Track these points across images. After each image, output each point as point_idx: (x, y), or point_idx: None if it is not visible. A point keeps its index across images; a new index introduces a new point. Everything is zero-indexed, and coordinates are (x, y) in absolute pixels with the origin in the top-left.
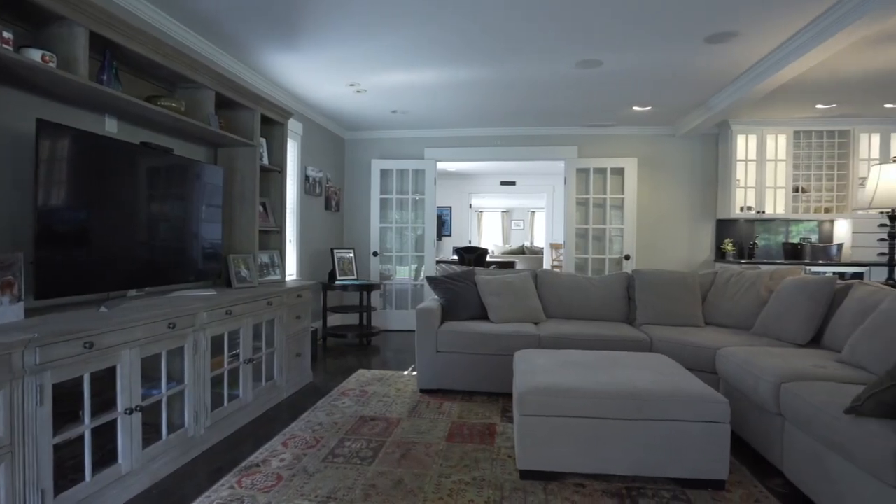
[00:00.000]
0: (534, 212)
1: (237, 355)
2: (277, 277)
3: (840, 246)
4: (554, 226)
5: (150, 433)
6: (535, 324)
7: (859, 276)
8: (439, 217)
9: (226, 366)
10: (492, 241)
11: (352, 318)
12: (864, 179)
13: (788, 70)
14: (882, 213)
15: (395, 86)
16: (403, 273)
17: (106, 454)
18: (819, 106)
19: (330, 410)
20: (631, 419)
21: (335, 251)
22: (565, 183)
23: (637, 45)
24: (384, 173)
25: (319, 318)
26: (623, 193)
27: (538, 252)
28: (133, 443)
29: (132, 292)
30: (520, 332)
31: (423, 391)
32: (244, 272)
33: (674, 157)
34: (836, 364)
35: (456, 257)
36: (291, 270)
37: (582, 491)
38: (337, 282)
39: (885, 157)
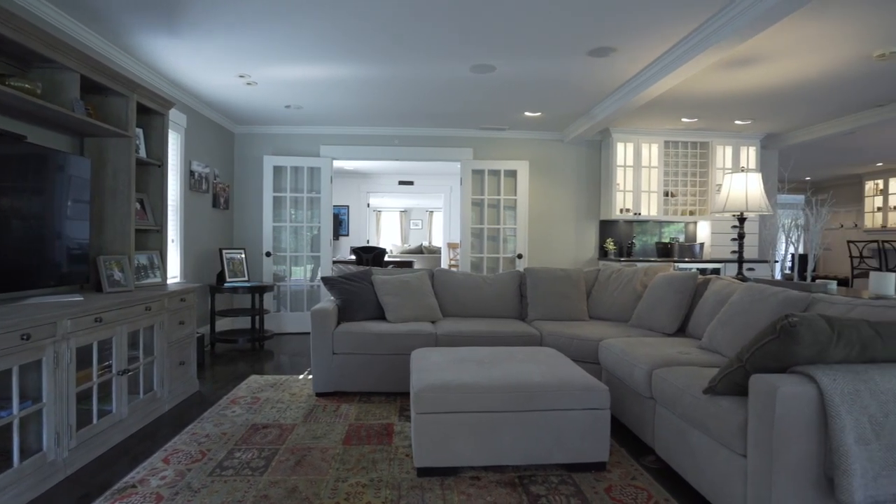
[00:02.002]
0: (432, 212)
1: (109, 367)
2: (158, 280)
3: (702, 245)
4: (451, 225)
5: None
6: (432, 322)
7: (717, 271)
8: (336, 216)
9: (95, 379)
10: (390, 240)
11: (243, 322)
12: (719, 186)
13: (658, 86)
14: (733, 216)
15: (289, 80)
16: (298, 274)
17: None
18: (684, 119)
19: (218, 420)
20: (521, 411)
21: (224, 251)
22: (461, 184)
23: (528, 53)
24: (277, 170)
25: (207, 323)
26: (516, 195)
27: (436, 251)
28: None
29: None
30: (417, 331)
31: (319, 395)
32: (118, 275)
33: (562, 161)
34: (698, 350)
35: (353, 257)
36: (174, 272)
37: (477, 483)
38: (226, 284)
39: (735, 168)
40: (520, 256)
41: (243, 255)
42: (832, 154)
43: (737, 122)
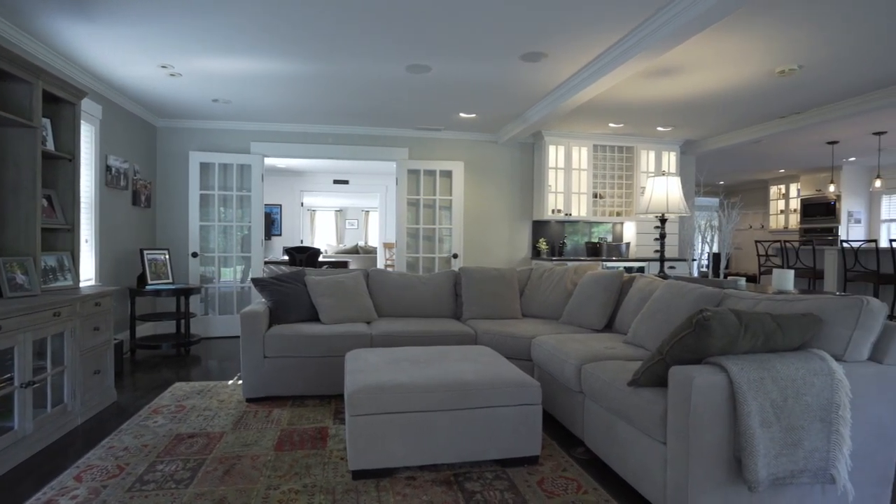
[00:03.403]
0: (368, 211)
1: (11, 379)
2: (69, 283)
3: (628, 244)
4: (387, 225)
5: None
6: (368, 323)
7: (641, 269)
8: (268, 215)
9: None
10: (325, 240)
11: (167, 327)
12: (643, 189)
13: (587, 91)
14: (655, 216)
15: (217, 73)
16: (228, 275)
17: None
18: (612, 124)
19: (138, 432)
20: (456, 409)
21: (146, 252)
22: (397, 183)
23: (462, 55)
24: (204, 167)
25: (127, 329)
26: (451, 195)
27: (372, 251)
28: None
29: None
30: (351, 331)
31: (249, 400)
32: (20, 278)
33: (496, 162)
34: (624, 345)
35: (286, 258)
36: (89, 275)
37: (413, 483)
38: (148, 286)
39: (657, 171)
40: (455, 256)
41: (167, 256)
42: (742, 160)
43: (659, 128)
